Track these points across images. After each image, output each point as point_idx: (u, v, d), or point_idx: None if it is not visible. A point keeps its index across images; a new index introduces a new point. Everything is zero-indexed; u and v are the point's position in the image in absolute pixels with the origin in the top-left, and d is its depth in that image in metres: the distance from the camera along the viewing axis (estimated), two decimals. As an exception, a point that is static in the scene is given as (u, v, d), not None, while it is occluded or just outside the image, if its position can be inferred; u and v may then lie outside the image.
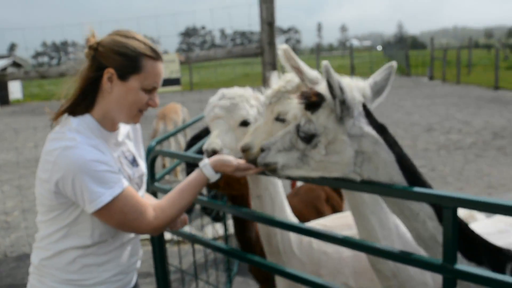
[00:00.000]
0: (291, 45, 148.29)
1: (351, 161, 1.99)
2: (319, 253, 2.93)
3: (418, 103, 19.48)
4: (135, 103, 2.13)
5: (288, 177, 2.15)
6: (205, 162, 2.25)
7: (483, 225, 2.87)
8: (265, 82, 6.13)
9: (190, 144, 7.11)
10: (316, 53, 34.38)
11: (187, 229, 5.74)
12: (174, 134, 4.09)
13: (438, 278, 2.02)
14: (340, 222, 3.21)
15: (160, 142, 3.50)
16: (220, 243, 3.02)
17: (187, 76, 31.33)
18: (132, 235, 2.32)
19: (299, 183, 4.53)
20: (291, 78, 2.50)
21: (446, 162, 10.11)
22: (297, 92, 2.29)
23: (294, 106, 2.05)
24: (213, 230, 6.05)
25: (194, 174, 2.26)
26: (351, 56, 34.87)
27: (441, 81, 29.28)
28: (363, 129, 1.98)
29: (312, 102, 1.98)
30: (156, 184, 3.19)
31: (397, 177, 2.01)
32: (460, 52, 29.56)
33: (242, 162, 2.25)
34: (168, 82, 6.10)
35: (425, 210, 1.98)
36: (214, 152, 2.60)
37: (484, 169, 9.49)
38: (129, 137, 2.40)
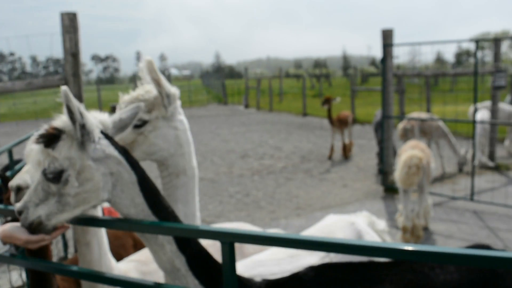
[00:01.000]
0: (110, 73, 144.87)
1: (103, 185, 2.00)
2: None
3: (234, 131, 20.23)
4: None
5: (56, 226, 2.04)
6: None
7: (276, 251, 3.02)
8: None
9: None
10: (134, 82, 34.07)
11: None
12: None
13: None
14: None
15: None
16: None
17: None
18: None
19: None
20: (150, 88, 2.50)
21: (259, 187, 10.58)
22: (153, 103, 2.41)
23: (35, 152, 2.01)
24: (10, 280, 5.49)
25: None
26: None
27: (256, 109, 30.80)
28: (106, 151, 2.02)
29: (50, 137, 1.96)
30: None
31: (138, 199, 2.07)
32: (271, 81, 31.49)
33: (34, 236, 2.05)
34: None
35: None
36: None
37: (293, 192, 10.11)
38: None
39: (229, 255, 1.76)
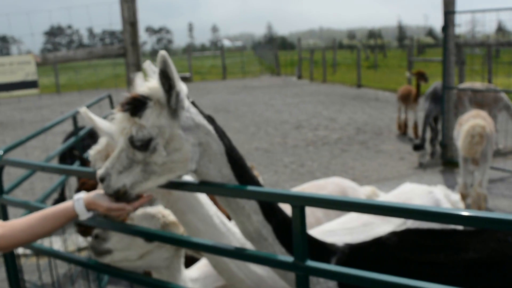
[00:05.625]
0: (163, 45, 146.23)
1: (191, 156, 1.95)
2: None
3: (288, 102, 20.13)
4: None
5: (139, 194, 2.03)
6: (79, 196, 2.08)
7: (347, 219, 2.98)
8: (129, 84, 5.98)
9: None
10: (188, 54, 34.32)
11: (47, 241, 5.37)
12: (26, 141, 3.81)
13: None
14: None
15: (9, 150, 3.23)
16: (81, 256, 2.86)
17: (53, 77, 29.70)
18: None
19: None
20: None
21: (314, 158, 10.54)
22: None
23: (119, 120, 1.93)
24: (77, 240, 5.73)
25: (64, 205, 2.08)
26: (222, 57, 35.19)
27: (309, 80, 30.49)
28: (195, 120, 1.97)
29: (136, 105, 1.90)
30: (5, 196, 2.94)
31: (225, 170, 2.04)
32: (325, 52, 31.03)
33: (115, 204, 2.05)
34: (24, 85, 5.69)
35: (251, 204, 2.04)
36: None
37: (348, 163, 10.02)
38: None
39: (300, 219, 1.75)
